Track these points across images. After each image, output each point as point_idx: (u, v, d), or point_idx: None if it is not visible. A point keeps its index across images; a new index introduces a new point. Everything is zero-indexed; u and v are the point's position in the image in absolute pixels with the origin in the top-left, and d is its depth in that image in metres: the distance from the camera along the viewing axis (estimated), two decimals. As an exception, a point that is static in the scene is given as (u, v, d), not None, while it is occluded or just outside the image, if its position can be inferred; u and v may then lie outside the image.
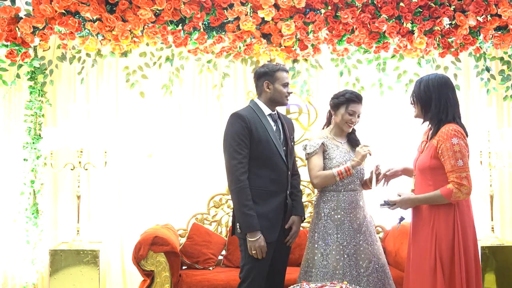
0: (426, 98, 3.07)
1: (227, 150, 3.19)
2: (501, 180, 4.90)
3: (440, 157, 2.95)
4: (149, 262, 3.94)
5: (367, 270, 3.29)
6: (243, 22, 4.26)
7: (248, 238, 3.12)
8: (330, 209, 3.35)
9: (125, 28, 4.26)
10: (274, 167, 3.22)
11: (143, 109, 4.86)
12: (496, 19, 4.35)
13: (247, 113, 3.24)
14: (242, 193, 3.12)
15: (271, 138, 3.22)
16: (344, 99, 3.40)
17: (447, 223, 2.97)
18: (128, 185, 4.83)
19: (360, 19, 4.34)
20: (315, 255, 3.31)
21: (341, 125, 3.42)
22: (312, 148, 3.37)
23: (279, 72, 3.28)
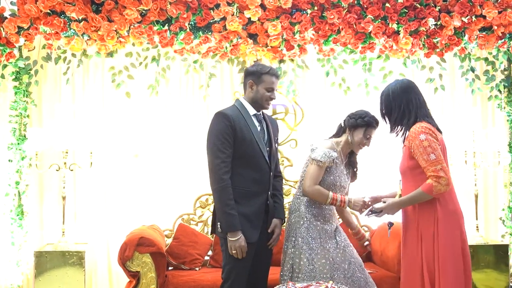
0: (388, 108, 3.15)
1: (210, 148, 3.17)
2: (485, 179, 4.94)
3: (414, 156, 3.00)
4: (135, 263, 3.92)
5: (348, 272, 3.31)
6: (230, 22, 4.26)
7: (228, 237, 3.10)
8: (312, 215, 3.33)
9: (111, 28, 4.24)
10: (257, 167, 3.20)
11: (129, 109, 4.83)
12: (481, 20, 4.39)
13: (231, 112, 3.21)
14: (224, 192, 3.10)
15: (255, 138, 3.19)
16: (364, 123, 3.35)
17: (429, 221, 3.00)
18: (114, 185, 4.81)
19: (346, 19, 4.36)
20: (300, 260, 3.28)
21: (353, 146, 3.39)
22: (325, 158, 3.26)
23: (266, 75, 3.22)
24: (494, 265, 4.41)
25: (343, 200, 3.28)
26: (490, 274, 4.44)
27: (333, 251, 3.30)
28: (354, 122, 3.37)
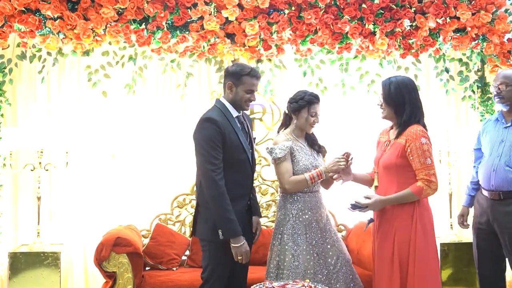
0: (398, 101, 3.17)
1: (202, 155, 3.12)
2: (459, 178, 5.00)
3: (409, 156, 3.09)
4: (111, 263, 3.89)
5: (335, 267, 3.33)
6: (207, 21, 4.26)
7: (232, 244, 3.09)
8: (298, 210, 3.36)
9: (87, 27, 4.21)
10: (242, 170, 3.21)
11: (106, 108, 4.77)
12: (455, 21, 4.47)
13: (218, 117, 3.16)
14: (223, 198, 3.07)
15: (241, 141, 3.19)
16: (305, 102, 3.39)
17: (407, 220, 3.10)
18: (90, 185, 4.75)
19: (323, 20, 4.39)
20: (286, 257, 3.31)
21: (304, 127, 3.43)
22: (283, 153, 3.33)
23: (247, 77, 3.18)
24: (467, 263, 4.46)
25: (319, 173, 3.31)
26: (463, 272, 4.50)
27: (320, 246, 3.32)
28: (296, 105, 3.41)
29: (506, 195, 3.45)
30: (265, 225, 4.76)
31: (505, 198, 3.45)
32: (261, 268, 4.15)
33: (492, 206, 3.51)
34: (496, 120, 3.65)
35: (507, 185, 3.44)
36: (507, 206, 3.45)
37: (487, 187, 3.53)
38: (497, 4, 4.52)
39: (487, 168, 3.54)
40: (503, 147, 3.49)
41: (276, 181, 4.66)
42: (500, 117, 3.61)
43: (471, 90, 4.85)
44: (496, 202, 3.49)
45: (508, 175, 3.43)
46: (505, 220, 3.45)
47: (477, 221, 3.65)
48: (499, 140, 3.53)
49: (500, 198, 3.47)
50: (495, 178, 3.46)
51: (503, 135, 3.53)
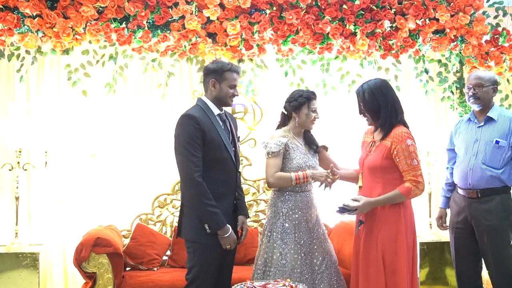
0: (373, 106, 3.22)
1: (181, 152, 3.10)
2: (438, 178, 5.03)
3: (395, 158, 3.13)
4: (91, 264, 3.86)
5: (320, 267, 3.35)
6: (188, 21, 4.25)
7: (220, 235, 3.10)
8: (288, 209, 3.38)
9: (66, 25, 4.17)
10: (225, 168, 3.19)
11: (86, 108, 4.74)
12: (434, 22, 4.51)
13: (198, 114, 3.15)
14: (204, 193, 3.07)
15: (222, 139, 3.18)
16: (305, 99, 3.43)
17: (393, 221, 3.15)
18: (70, 185, 4.71)
19: (305, 20, 4.40)
20: (273, 254, 3.33)
21: (305, 124, 3.45)
22: (277, 148, 3.35)
23: (228, 72, 3.20)
24: (446, 262, 4.51)
25: (305, 175, 3.33)
26: (441, 271, 4.54)
27: (308, 246, 3.34)
28: (296, 103, 3.45)
29: (483, 193, 3.50)
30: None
31: (482, 196, 3.50)
32: (242, 267, 4.19)
33: (469, 204, 3.55)
34: (468, 120, 3.69)
35: (484, 183, 3.49)
36: (484, 204, 3.50)
37: (464, 186, 3.57)
38: (475, 6, 4.57)
39: (463, 167, 3.58)
40: (478, 146, 3.54)
41: (258, 180, 4.70)
42: (472, 117, 3.66)
43: (450, 91, 4.89)
44: (474, 201, 3.53)
45: (485, 173, 3.48)
46: (483, 218, 3.50)
47: (454, 220, 3.68)
48: (473, 140, 3.58)
49: (477, 196, 3.52)
50: (472, 177, 3.51)
51: (477, 134, 3.57)
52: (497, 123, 3.54)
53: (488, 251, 3.52)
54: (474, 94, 3.56)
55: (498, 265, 3.51)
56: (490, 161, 3.49)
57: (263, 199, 4.77)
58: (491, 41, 4.68)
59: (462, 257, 3.65)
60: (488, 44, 4.67)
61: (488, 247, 3.51)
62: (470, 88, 3.59)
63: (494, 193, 3.50)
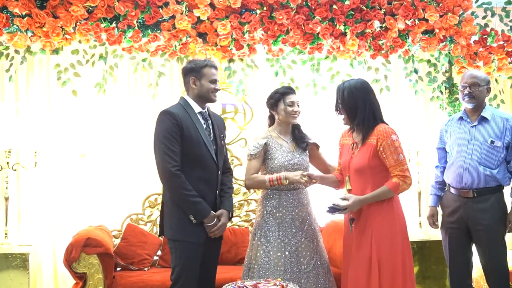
0: (351, 105, 3.20)
1: (158, 148, 3.11)
2: (428, 177, 5.06)
3: (382, 154, 3.13)
4: (81, 264, 3.85)
5: (308, 266, 3.34)
6: (179, 20, 4.24)
7: (206, 224, 3.10)
8: (272, 207, 3.38)
9: (56, 25, 4.16)
10: (204, 166, 3.17)
11: (76, 108, 4.72)
12: (423, 23, 4.54)
13: (177, 110, 3.17)
14: (184, 186, 3.06)
15: (201, 137, 3.17)
16: (279, 94, 3.46)
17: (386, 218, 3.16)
18: (60, 186, 4.69)
19: (295, 20, 4.41)
20: (257, 252, 3.34)
21: (286, 120, 3.44)
22: (255, 150, 3.38)
23: (206, 68, 3.22)
24: (436, 260, 4.54)
25: (278, 177, 3.31)
26: (432, 269, 4.57)
27: (293, 244, 3.33)
28: (272, 101, 3.48)
29: (479, 193, 3.50)
30: (237, 225, 4.77)
31: (478, 195, 3.51)
32: (234, 267, 4.21)
33: (465, 204, 3.54)
34: (460, 119, 3.68)
35: (480, 183, 3.49)
36: (480, 203, 3.50)
37: (459, 185, 3.57)
38: (464, 7, 4.61)
39: (458, 167, 3.57)
40: (472, 145, 3.54)
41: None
42: (464, 116, 3.65)
43: (439, 90, 4.92)
44: (470, 200, 3.53)
45: (482, 173, 3.48)
46: (480, 217, 3.49)
47: (448, 220, 3.66)
48: (467, 139, 3.57)
49: (473, 195, 3.52)
50: (468, 177, 3.51)
51: (471, 134, 3.57)
52: (491, 123, 3.54)
53: (484, 249, 3.53)
54: (470, 93, 3.55)
55: (493, 262, 3.52)
56: (486, 161, 3.49)
57: (254, 198, 4.78)
58: (479, 41, 4.71)
59: (456, 256, 3.65)
60: (477, 45, 4.70)
61: (485, 245, 3.52)
62: (466, 87, 3.57)
63: (490, 192, 3.51)
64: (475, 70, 4.11)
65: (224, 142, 3.41)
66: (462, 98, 3.62)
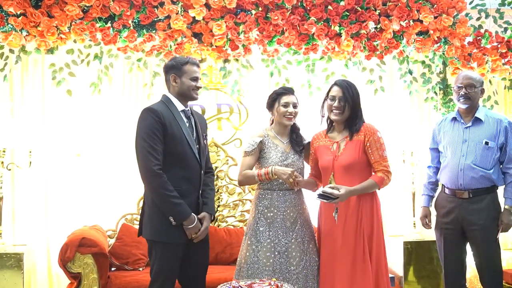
0: (358, 102, 3.36)
1: (140, 145, 3.03)
2: (422, 178, 4.98)
3: (368, 149, 3.26)
4: (76, 264, 3.85)
5: (297, 267, 3.31)
6: (174, 21, 4.25)
7: (185, 226, 3.04)
8: (264, 207, 3.37)
9: (51, 24, 4.16)
10: (187, 165, 3.12)
11: (71, 107, 4.70)
12: (418, 24, 4.56)
13: (160, 108, 3.10)
14: (165, 186, 3.00)
15: (184, 135, 3.12)
16: (275, 95, 3.46)
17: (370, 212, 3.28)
18: (55, 185, 4.67)
19: (290, 21, 4.42)
20: (247, 251, 3.34)
21: (281, 121, 3.44)
22: (250, 148, 3.40)
23: (187, 65, 3.16)
24: (430, 261, 4.57)
25: (266, 172, 3.31)
26: (426, 269, 4.59)
27: (284, 245, 3.31)
28: (269, 101, 3.50)
29: (475, 193, 3.52)
30: (232, 225, 4.78)
31: (474, 196, 3.52)
32: (228, 267, 4.20)
33: (460, 205, 3.56)
34: (453, 120, 3.68)
35: (475, 184, 3.51)
36: (475, 204, 3.51)
37: (454, 186, 3.58)
38: (458, 8, 4.63)
39: (453, 168, 3.58)
40: (467, 146, 3.54)
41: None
42: (458, 117, 3.65)
43: (434, 91, 4.94)
44: (465, 201, 3.54)
45: (477, 174, 3.50)
46: (475, 218, 3.50)
47: (442, 221, 3.66)
48: (461, 140, 3.58)
49: (469, 196, 3.53)
50: (463, 177, 3.52)
51: (465, 135, 3.58)
52: (485, 124, 3.55)
53: (479, 249, 3.54)
54: (466, 94, 3.55)
55: (487, 261, 3.54)
56: (481, 162, 3.50)
57: (248, 199, 4.78)
58: (473, 42, 4.75)
59: (451, 257, 3.66)
60: (471, 46, 4.73)
61: (479, 245, 3.53)
62: (461, 88, 3.57)
63: (485, 193, 3.53)
64: (470, 71, 4.12)
65: (206, 141, 3.37)
66: (457, 99, 3.62)
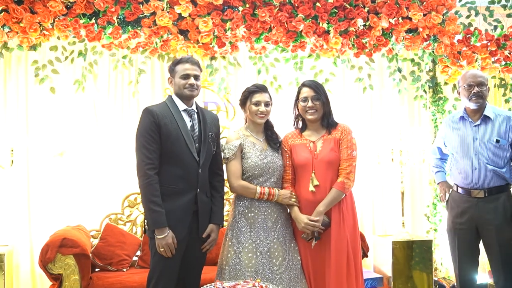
0: (328, 100, 3.37)
1: (137, 146, 3.12)
2: (411, 177, 5.07)
3: (340, 146, 3.28)
4: (57, 265, 3.76)
5: (280, 267, 3.27)
6: (160, 17, 4.19)
7: (156, 235, 3.03)
8: (244, 207, 3.32)
9: (33, 20, 4.09)
10: (183, 164, 3.12)
11: (54, 105, 4.63)
12: (407, 21, 4.52)
13: (158, 108, 3.16)
14: (150, 188, 3.03)
15: (181, 134, 3.12)
16: (247, 93, 3.40)
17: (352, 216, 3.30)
18: (37, 185, 4.59)
19: (278, 18, 4.38)
20: (228, 253, 3.28)
21: (253, 119, 3.39)
22: (231, 152, 3.33)
23: (178, 65, 3.21)
24: (419, 261, 4.53)
25: (271, 193, 3.28)
26: (415, 269, 4.54)
27: (266, 245, 3.26)
28: (241, 99, 3.45)
29: (490, 192, 3.48)
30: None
31: (489, 195, 3.48)
32: (214, 268, 4.08)
33: (476, 204, 3.51)
34: (461, 119, 3.63)
35: (491, 182, 3.47)
36: (491, 203, 3.48)
37: (469, 186, 3.53)
38: (447, 6, 4.59)
39: (466, 167, 3.53)
40: (478, 145, 3.50)
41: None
42: (465, 116, 3.60)
43: (423, 90, 4.92)
44: (481, 200, 3.50)
45: (491, 172, 3.46)
46: (491, 217, 3.46)
47: (456, 221, 3.60)
48: (471, 139, 3.53)
49: (485, 195, 3.49)
50: (478, 177, 3.48)
51: (475, 133, 3.53)
52: (494, 122, 3.51)
53: (495, 248, 3.49)
54: (478, 92, 3.49)
55: (504, 260, 3.49)
56: (493, 160, 3.47)
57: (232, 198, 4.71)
58: (463, 40, 4.72)
59: (465, 259, 3.61)
60: (460, 44, 4.71)
61: (496, 244, 3.49)
62: (472, 86, 3.51)
63: (500, 192, 3.50)
64: (476, 69, 4.09)
65: (214, 140, 3.31)
66: (468, 98, 3.53)
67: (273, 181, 3.38)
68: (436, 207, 4.91)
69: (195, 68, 3.22)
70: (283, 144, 3.44)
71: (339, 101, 4.92)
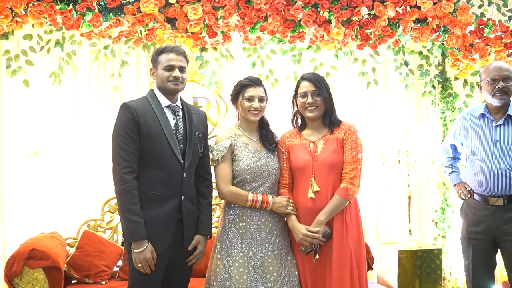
0: (331, 96, 3.14)
1: (112, 146, 2.84)
2: (419, 180, 4.90)
3: (343, 147, 3.06)
4: (24, 279, 3.48)
5: (275, 284, 2.99)
6: (144, 3, 3.99)
7: (133, 249, 2.76)
8: (235, 216, 3.04)
9: (4, 6, 3.96)
10: (165, 166, 2.86)
11: (28, 100, 4.39)
12: (415, 10, 4.40)
13: (137, 103, 2.90)
14: (127, 195, 2.75)
15: (164, 133, 2.86)
16: (239, 87, 3.15)
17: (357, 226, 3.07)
18: (10, 187, 4.33)
19: (274, 5, 4.22)
20: (217, 267, 3.01)
21: (246, 116, 3.14)
22: (220, 154, 3.07)
23: (162, 54, 2.95)
24: (428, 271, 4.39)
25: (265, 200, 3.01)
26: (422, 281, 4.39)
27: (259, 258, 2.99)
28: (233, 94, 3.19)
29: (510, 200, 3.23)
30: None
31: (509, 203, 3.23)
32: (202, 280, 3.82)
33: (494, 213, 3.26)
34: (481, 116, 3.37)
35: (511, 189, 3.22)
36: (510, 212, 3.23)
37: (486, 192, 3.28)
38: (459, -7, 4.48)
39: (483, 172, 3.28)
40: (499, 149, 3.25)
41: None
42: (487, 113, 3.34)
43: (432, 85, 4.80)
44: (499, 208, 3.25)
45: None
46: (510, 227, 3.22)
47: (472, 230, 3.36)
48: (492, 140, 3.28)
49: (504, 203, 3.24)
50: (497, 183, 3.24)
51: (496, 134, 3.27)
52: None
53: None
54: (504, 87, 3.23)
55: None
56: None
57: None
58: (475, 32, 4.55)
59: (480, 271, 3.36)
60: (473, 35, 4.54)
61: None
62: (497, 80, 3.24)
63: None
64: (501, 61, 3.85)
65: (202, 140, 3.05)
66: (491, 93, 3.27)
67: (268, 186, 3.09)
68: (444, 212, 4.74)
69: (181, 59, 2.95)
70: (280, 145, 3.17)
71: (340, 97, 4.79)
